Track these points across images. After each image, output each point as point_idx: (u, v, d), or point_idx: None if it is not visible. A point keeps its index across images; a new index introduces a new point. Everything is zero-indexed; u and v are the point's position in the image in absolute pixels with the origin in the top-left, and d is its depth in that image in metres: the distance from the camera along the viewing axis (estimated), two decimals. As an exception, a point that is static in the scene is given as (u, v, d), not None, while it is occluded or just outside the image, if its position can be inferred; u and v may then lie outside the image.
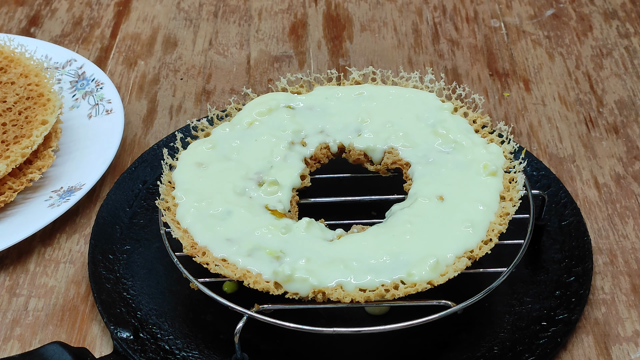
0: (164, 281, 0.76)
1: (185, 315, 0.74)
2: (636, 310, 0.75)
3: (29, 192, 0.85)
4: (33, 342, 0.74)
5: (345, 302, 0.65)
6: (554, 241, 0.79)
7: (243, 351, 0.68)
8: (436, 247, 0.68)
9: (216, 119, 0.82)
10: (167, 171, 0.77)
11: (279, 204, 0.74)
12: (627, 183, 0.88)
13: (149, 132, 0.95)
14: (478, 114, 0.81)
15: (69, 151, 0.90)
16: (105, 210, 0.82)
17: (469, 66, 1.04)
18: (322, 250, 0.69)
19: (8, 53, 0.93)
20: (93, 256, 0.78)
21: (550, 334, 0.70)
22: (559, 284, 0.75)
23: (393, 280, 0.66)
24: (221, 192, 0.74)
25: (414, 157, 0.77)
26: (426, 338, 0.71)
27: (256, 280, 0.67)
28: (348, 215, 0.76)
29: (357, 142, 0.79)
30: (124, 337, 0.71)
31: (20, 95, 0.89)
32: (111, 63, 1.06)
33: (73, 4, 1.16)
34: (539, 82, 1.01)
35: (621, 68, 1.03)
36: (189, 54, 1.07)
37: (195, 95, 1.01)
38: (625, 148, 0.92)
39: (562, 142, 0.93)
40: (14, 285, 0.79)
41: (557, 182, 0.84)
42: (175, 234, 0.70)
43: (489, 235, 0.69)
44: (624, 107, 0.97)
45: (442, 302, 0.66)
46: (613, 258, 0.80)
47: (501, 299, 0.74)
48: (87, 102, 0.95)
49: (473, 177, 0.74)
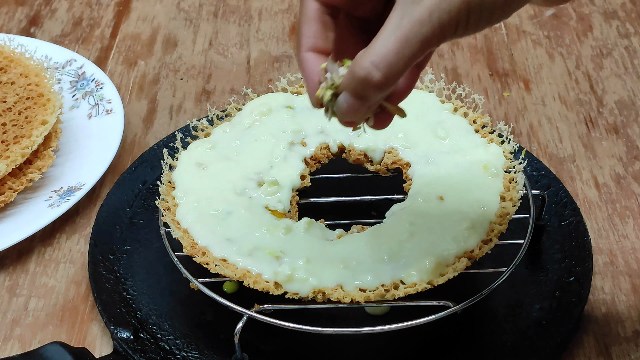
0: (164, 281, 0.76)
1: (185, 315, 0.74)
2: (636, 310, 0.75)
3: (29, 192, 0.85)
4: (33, 342, 0.74)
5: (345, 302, 0.65)
6: (554, 241, 0.79)
7: (243, 351, 0.68)
8: (436, 247, 0.68)
9: (216, 119, 0.82)
10: (167, 171, 0.77)
11: (279, 204, 0.74)
12: (627, 183, 0.88)
13: (149, 132, 0.95)
14: (478, 114, 0.81)
15: (69, 151, 0.90)
16: (105, 210, 0.82)
17: (469, 66, 1.04)
18: (322, 250, 0.69)
19: (8, 53, 0.93)
20: (93, 256, 0.78)
21: (550, 334, 0.70)
22: (559, 284, 0.75)
23: (393, 280, 0.66)
24: (221, 192, 0.74)
25: (414, 157, 0.77)
26: (426, 338, 0.71)
27: (256, 280, 0.67)
28: (348, 215, 0.76)
29: (357, 142, 0.79)
30: (124, 337, 0.71)
31: (20, 95, 0.89)
32: (111, 63, 1.06)
33: (73, 4, 1.16)
34: (539, 82, 1.01)
35: (621, 68, 1.03)
36: (189, 54, 1.07)
37: (195, 95, 1.01)
38: (625, 148, 0.92)
39: (562, 142, 0.93)
40: (14, 285, 0.79)
41: (557, 182, 0.84)
42: (175, 234, 0.70)
43: (489, 235, 0.69)
44: (624, 107, 0.97)
45: (442, 302, 0.66)
46: (613, 258, 0.80)
47: (501, 299, 0.74)
48: (87, 102, 0.95)
49: (473, 177, 0.74)
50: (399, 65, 0.49)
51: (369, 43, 0.51)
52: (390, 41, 0.49)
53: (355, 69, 0.50)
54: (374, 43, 0.50)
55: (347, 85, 0.51)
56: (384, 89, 0.50)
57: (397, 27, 0.49)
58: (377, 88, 0.50)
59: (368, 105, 0.52)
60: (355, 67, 0.50)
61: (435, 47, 0.50)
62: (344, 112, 0.52)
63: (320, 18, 0.54)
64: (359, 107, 0.52)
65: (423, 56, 0.50)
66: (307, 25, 0.54)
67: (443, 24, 0.48)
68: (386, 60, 0.49)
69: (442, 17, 0.48)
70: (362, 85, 0.50)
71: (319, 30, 0.54)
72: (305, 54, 0.54)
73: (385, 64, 0.49)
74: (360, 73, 0.50)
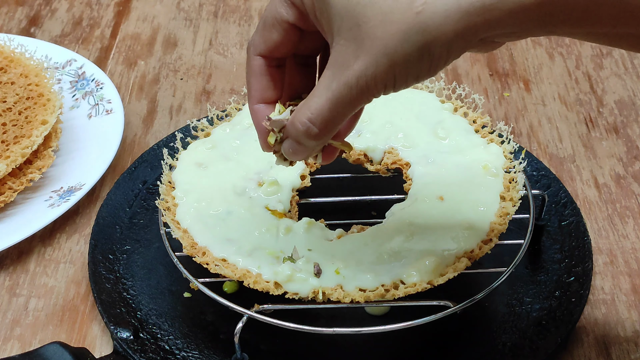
0: (164, 281, 0.76)
1: (185, 315, 0.74)
2: (636, 310, 0.75)
3: (29, 192, 0.85)
4: (33, 342, 0.74)
5: (345, 302, 0.65)
6: (554, 241, 0.79)
7: (243, 351, 0.68)
8: (436, 247, 0.68)
9: (216, 119, 0.82)
10: (167, 171, 0.77)
11: (279, 204, 0.74)
12: (627, 183, 0.88)
13: (149, 132, 0.95)
14: (478, 114, 0.81)
15: (69, 151, 0.90)
16: (105, 210, 0.82)
17: (469, 66, 1.04)
18: (322, 250, 0.69)
19: (8, 53, 0.93)
20: (93, 256, 0.78)
21: (550, 334, 0.70)
22: (559, 284, 0.75)
23: (393, 280, 0.66)
24: (221, 192, 0.74)
25: (414, 157, 0.77)
26: (426, 338, 0.71)
27: (256, 280, 0.67)
28: (348, 215, 0.76)
29: (357, 142, 0.79)
30: (124, 337, 0.71)
31: (20, 95, 0.89)
32: (111, 63, 1.06)
33: (73, 4, 1.16)
34: (539, 82, 1.01)
35: (621, 68, 1.03)
36: (189, 54, 1.07)
37: (195, 95, 1.01)
38: (625, 148, 0.92)
39: (562, 142, 0.93)
40: (14, 285, 0.79)
41: (557, 182, 0.84)
42: (175, 234, 0.70)
43: (489, 235, 0.69)
44: (624, 107, 0.97)
45: (442, 302, 0.66)
46: (613, 258, 0.80)
47: (501, 299, 0.74)
48: (87, 102, 0.95)
49: (473, 177, 0.74)
50: (334, 121, 0.54)
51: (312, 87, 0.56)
52: (322, 100, 0.54)
53: (296, 123, 0.56)
54: (310, 99, 0.55)
55: (291, 134, 0.57)
56: (323, 139, 0.56)
57: (328, 89, 0.53)
58: (316, 139, 0.55)
59: (311, 149, 0.58)
60: (295, 120, 0.56)
61: (367, 102, 0.54)
62: (290, 155, 0.59)
63: (266, 72, 0.59)
64: (303, 151, 0.58)
65: (355, 111, 0.55)
66: (254, 79, 0.59)
67: (370, 87, 0.52)
68: (321, 117, 0.54)
69: (368, 82, 0.52)
70: (303, 136, 0.56)
71: (265, 84, 0.59)
72: (255, 106, 0.60)
73: (321, 120, 0.54)
74: (300, 127, 0.55)
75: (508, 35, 0.51)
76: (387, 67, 0.51)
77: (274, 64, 0.59)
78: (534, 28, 0.50)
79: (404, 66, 0.50)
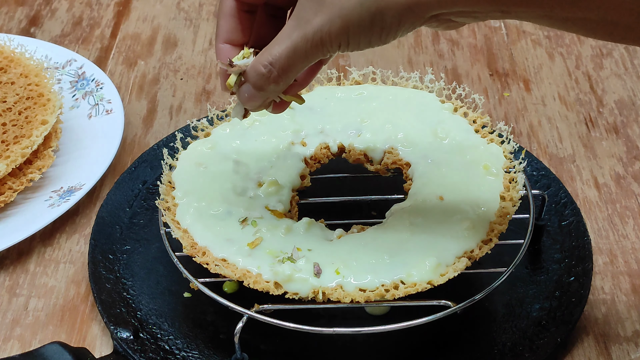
0: (164, 281, 0.76)
1: (185, 315, 0.74)
2: (636, 310, 0.75)
3: (29, 192, 0.85)
4: (33, 342, 0.74)
5: (345, 302, 0.65)
6: (554, 241, 0.79)
7: (243, 351, 0.68)
8: (436, 247, 0.68)
9: (216, 119, 0.82)
10: (167, 171, 0.77)
11: (279, 204, 0.74)
12: (627, 183, 0.88)
13: (149, 132, 0.95)
14: (478, 114, 0.81)
15: (69, 151, 0.90)
16: (105, 210, 0.82)
17: (469, 66, 1.04)
18: (322, 250, 0.69)
19: (8, 53, 0.93)
20: (93, 256, 0.78)
21: (550, 334, 0.70)
22: (559, 284, 0.75)
23: (393, 280, 0.66)
24: (221, 192, 0.74)
25: (414, 157, 0.77)
26: (426, 338, 0.71)
27: (256, 280, 0.67)
28: (348, 215, 0.76)
29: (357, 142, 0.79)
30: (124, 337, 0.71)
31: (20, 95, 0.89)
32: (111, 63, 1.06)
33: (73, 4, 1.16)
34: (539, 82, 1.01)
35: (621, 68, 1.03)
36: (189, 54, 1.07)
37: (195, 95, 1.01)
38: (625, 148, 0.92)
39: (562, 142, 0.93)
40: (14, 285, 0.79)
41: (557, 182, 0.84)
42: (175, 234, 0.70)
43: (489, 235, 0.69)
44: (624, 107, 0.97)
45: (442, 302, 0.66)
46: (613, 258, 0.80)
47: (501, 299, 0.74)
48: (87, 102, 0.95)
49: (473, 177, 0.74)
50: (291, 68, 0.58)
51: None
52: (282, 48, 0.58)
53: (257, 65, 0.59)
54: (271, 45, 0.59)
55: (251, 78, 0.60)
56: (280, 83, 0.59)
57: (289, 38, 0.57)
58: (274, 82, 0.59)
59: (267, 95, 0.61)
60: (256, 63, 0.59)
61: (323, 57, 0.58)
62: (245, 100, 0.62)
63: (237, 15, 0.62)
64: (259, 97, 0.61)
65: (311, 63, 0.59)
66: (223, 20, 0.63)
67: (325, 43, 0.56)
68: (279, 62, 0.58)
69: (323, 38, 0.56)
70: (262, 79, 0.59)
71: (234, 25, 0.63)
72: (221, 45, 0.63)
73: (279, 65, 0.58)
74: (262, 70, 0.59)
75: (464, 14, 0.54)
76: (341, 28, 0.55)
77: (245, 9, 0.62)
78: (487, 7, 0.52)
79: (357, 29, 0.55)
